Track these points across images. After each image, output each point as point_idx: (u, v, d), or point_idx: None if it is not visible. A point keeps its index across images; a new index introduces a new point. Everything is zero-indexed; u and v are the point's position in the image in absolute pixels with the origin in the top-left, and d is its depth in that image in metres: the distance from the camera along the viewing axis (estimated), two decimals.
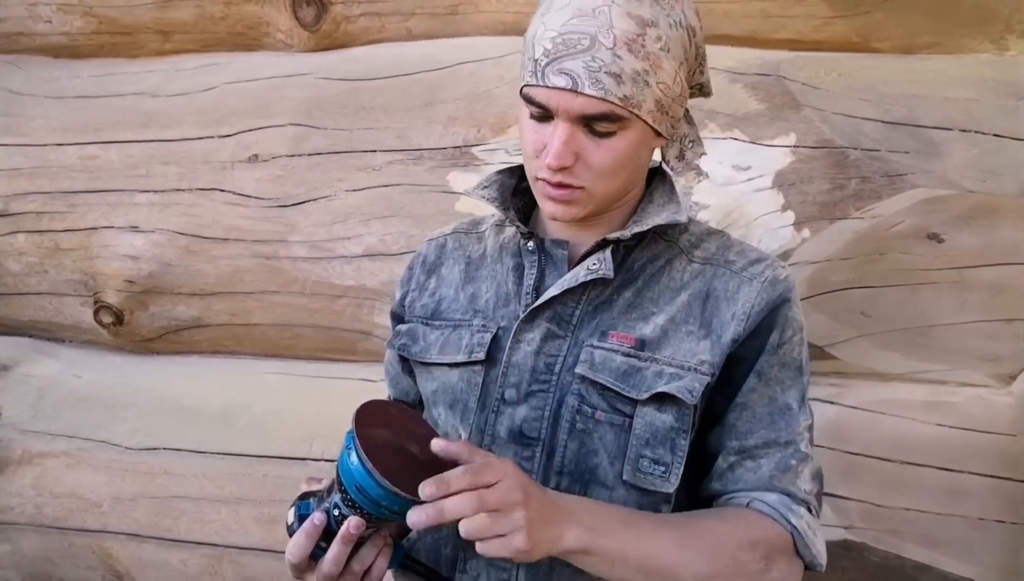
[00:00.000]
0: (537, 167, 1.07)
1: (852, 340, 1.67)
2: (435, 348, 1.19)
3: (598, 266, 1.09)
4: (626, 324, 1.10)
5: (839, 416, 1.67)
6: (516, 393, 1.10)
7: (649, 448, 1.07)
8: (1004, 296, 1.60)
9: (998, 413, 1.63)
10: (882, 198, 1.58)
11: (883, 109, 1.63)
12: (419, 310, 1.25)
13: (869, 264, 1.61)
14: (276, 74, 1.94)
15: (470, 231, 1.29)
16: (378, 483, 0.91)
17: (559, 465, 1.09)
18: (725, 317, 1.10)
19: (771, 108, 1.65)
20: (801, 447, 1.11)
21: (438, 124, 1.81)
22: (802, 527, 1.08)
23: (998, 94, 1.63)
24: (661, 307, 1.11)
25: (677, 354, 1.08)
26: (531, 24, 1.08)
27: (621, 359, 1.08)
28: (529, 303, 1.12)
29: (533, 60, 1.03)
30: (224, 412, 1.94)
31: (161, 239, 1.92)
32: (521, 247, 1.18)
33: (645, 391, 1.06)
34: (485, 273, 1.21)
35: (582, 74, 0.99)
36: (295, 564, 1.01)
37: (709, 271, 1.13)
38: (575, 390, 1.09)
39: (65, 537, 2.00)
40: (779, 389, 1.11)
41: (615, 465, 1.07)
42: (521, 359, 1.10)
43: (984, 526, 1.58)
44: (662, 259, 1.15)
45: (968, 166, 1.58)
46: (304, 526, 0.99)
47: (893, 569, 1.58)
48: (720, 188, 1.64)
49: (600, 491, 1.08)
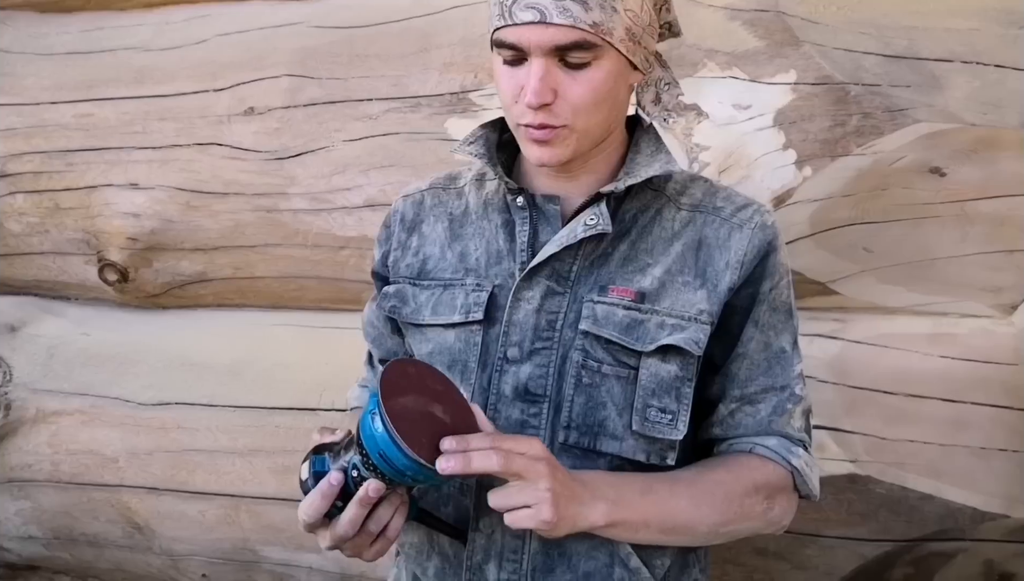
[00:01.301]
0: (518, 112, 1.06)
1: (855, 275, 1.68)
2: (427, 309, 1.18)
3: (596, 221, 1.09)
4: (624, 277, 1.11)
5: (843, 351, 1.69)
6: (519, 351, 1.11)
7: (656, 398, 1.09)
8: (1005, 227, 1.60)
9: (1000, 343, 1.65)
10: (884, 134, 1.58)
11: (883, 43, 1.61)
12: (404, 270, 1.23)
13: (871, 200, 1.61)
14: (268, 24, 1.91)
15: (448, 186, 1.27)
16: (404, 453, 0.91)
17: (567, 420, 1.10)
18: (719, 265, 1.12)
19: (770, 45, 1.63)
20: (796, 390, 1.16)
21: (434, 70, 1.79)
22: (800, 466, 1.13)
23: (999, 23, 1.61)
24: (656, 258, 1.12)
25: (676, 305, 1.10)
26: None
27: (623, 313, 1.09)
28: (524, 261, 1.12)
29: (499, 2, 1.02)
30: (233, 365, 1.96)
31: (162, 196, 1.92)
32: (509, 203, 1.17)
33: (649, 343, 1.08)
34: (471, 230, 1.20)
35: (548, 5, 0.99)
36: (309, 523, 1.00)
37: (699, 218, 1.14)
38: (579, 345, 1.10)
39: (84, 492, 2.04)
40: (773, 334, 1.15)
41: (623, 416, 1.09)
42: (523, 317, 1.11)
43: (986, 455, 1.60)
44: (652, 209, 1.15)
45: (969, 99, 1.57)
46: (320, 486, 0.97)
47: (898, 500, 1.62)
48: (720, 128, 1.64)
49: (610, 442, 1.09)
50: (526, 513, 0.95)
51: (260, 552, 1.96)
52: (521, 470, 0.94)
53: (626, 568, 1.11)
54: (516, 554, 1.11)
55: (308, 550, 1.93)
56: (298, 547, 1.93)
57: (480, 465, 0.93)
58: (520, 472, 0.94)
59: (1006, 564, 1.64)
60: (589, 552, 1.10)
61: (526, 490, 0.94)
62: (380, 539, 1.02)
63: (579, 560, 1.10)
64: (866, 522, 1.64)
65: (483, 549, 1.12)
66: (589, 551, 1.10)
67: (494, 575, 1.11)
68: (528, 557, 1.11)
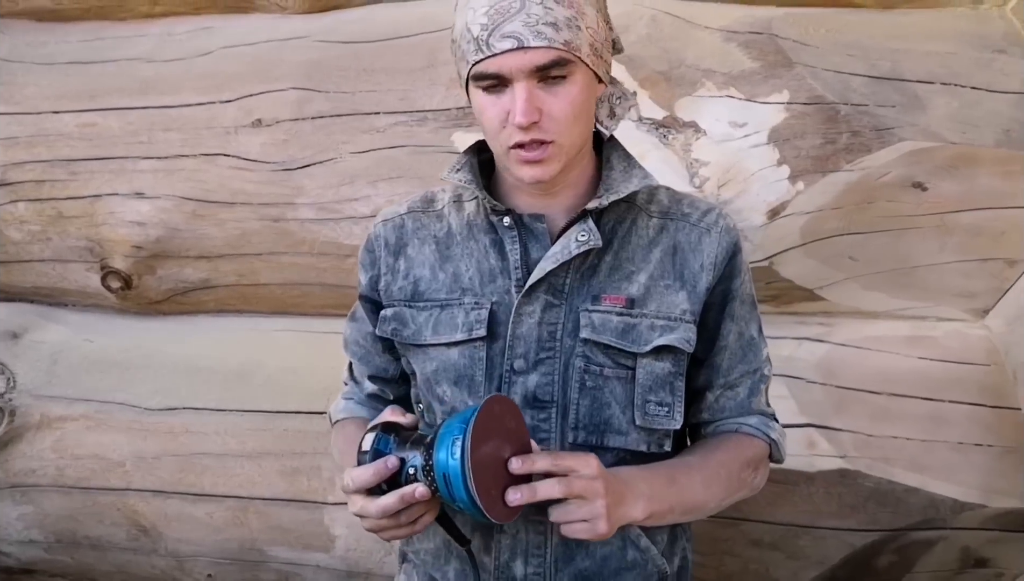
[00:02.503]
0: (507, 136, 1.13)
1: (840, 282, 1.79)
2: (428, 329, 1.24)
3: (587, 237, 1.17)
4: (613, 286, 1.20)
5: (829, 353, 1.80)
6: (525, 363, 1.19)
7: (653, 393, 1.20)
8: (981, 238, 1.72)
9: (974, 345, 1.78)
10: (871, 151, 1.68)
11: (869, 64, 1.72)
12: (397, 293, 1.28)
13: (858, 212, 1.72)
14: (273, 37, 1.96)
15: (426, 209, 1.32)
16: (469, 493, 0.97)
17: (574, 421, 1.19)
18: (695, 267, 1.22)
19: (764, 66, 1.73)
20: (764, 371, 1.31)
21: (440, 86, 1.85)
22: (776, 438, 1.29)
23: (974, 47, 1.73)
24: (638, 265, 1.22)
25: (662, 307, 1.20)
26: (456, 21, 1.14)
27: (617, 319, 1.19)
28: (519, 277, 1.20)
29: (474, 39, 1.09)
30: (240, 370, 2.01)
31: (167, 205, 1.96)
32: (495, 223, 1.23)
33: (644, 344, 1.18)
34: (459, 252, 1.26)
35: (524, 32, 1.07)
36: (352, 489, 1.06)
37: (671, 225, 1.24)
38: (579, 352, 1.18)
39: (89, 496, 2.06)
40: (744, 324, 1.28)
41: (626, 413, 1.19)
42: (526, 331, 1.19)
43: (964, 450, 1.73)
44: (627, 219, 1.24)
45: (950, 118, 1.68)
46: (376, 464, 1.04)
47: (885, 493, 1.73)
48: (718, 145, 1.73)
49: (616, 437, 1.20)
50: (583, 527, 1.04)
51: (267, 552, 2.01)
52: (581, 491, 1.03)
53: (637, 548, 1.23)
54: (540, 549, 1.20)
55: (315, 549, 1.98)
56: (306, 547, 1.98)
57: (545, 494, 1.02)
58: (580, 493, 1.03)
59: (981, 550, 1.77)
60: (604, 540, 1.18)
61: (584, 507, 1.03)
62: (405, 528, 1.09)
63: (596, 547, 1.21)
64: (855, 514, 1.75)
65: (509, 548, 1.20)
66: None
67: (521, 571, 1.20)
68: (551, 551, 1.20)
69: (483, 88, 1.12)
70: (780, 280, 1.78)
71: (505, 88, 1.10)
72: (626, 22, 1.77)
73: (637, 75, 1.76)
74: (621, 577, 1.22)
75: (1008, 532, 1.74)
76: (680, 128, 1.74)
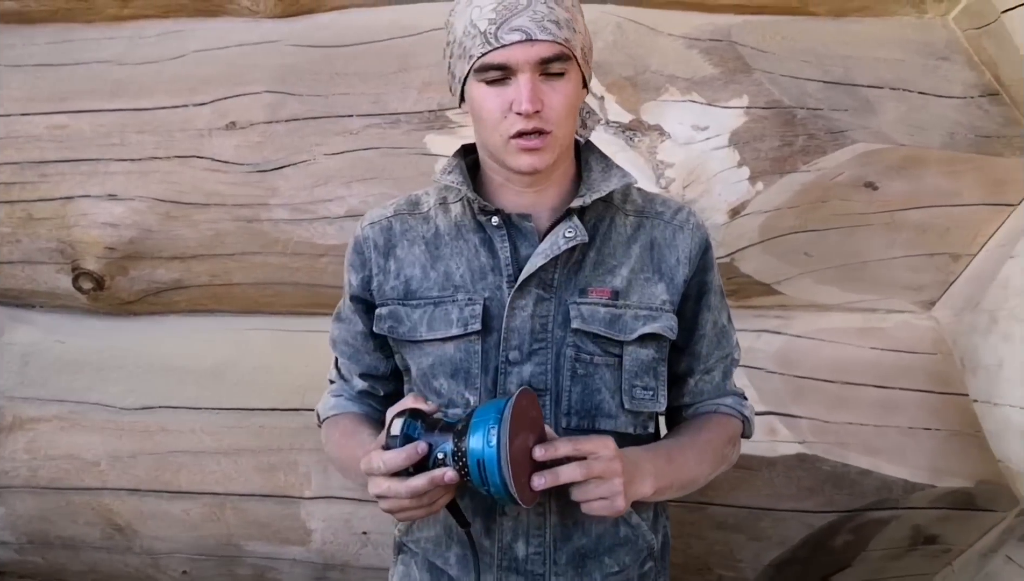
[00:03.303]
0: (508, 125, 1.19)
1: (797, 277, 1.89)
2: (423, 326, 1.29)
3: (574, 233, 1.24)
4: (598, 279, 1.28)
5: (786, 344, 1.90)
6: (519, 354, 1.26)
7: (638, 378, 1.28)
8: (927, 234, 1.83)
9: (922, 335, 1.89)
10: (826, 153, 1.78)
11: (823, 70, 1.82)
12: (390, 292, 1.33)
13: (813, 211, 1.82)
14: (245, 41, 1.99)
15: (413, 212, 1.36)
16: (503, 479, 1.04)
17: (567, 407, 1.26)
18: (671, 262, 1.32)
19: (725, 72, 1.82)
20: (735, 355, 1.42)
21: (413, 89, 1.90)
22: (748, 415, 1.41)
23: (920, 54, 1.84)
24: (620, 260, 1.30)
25: (644, 298, 1.29)
26: (454, 23, 1.21)
27: (604, 310, 1.27)
28: (511, 273, 1.26)
29: (481, 33, 1.16)
30: (215, 369, 2.04)
31: (141, 206, 1.97)
32: (483, 223, 1.30)
33: (631, 333, 1.27)
34: (448, 251, 1.31)
35: (531, 26, 1.15)
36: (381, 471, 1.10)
37: (647, 223, 1.34)
38: (570, 342, 1.26)
39: (62, 496, 2.08)
40: (718, 314, 1.38)
41: (615, 398, 1.28)
42: (519, 324, 1.25)
43: (914, 434, 1.84)
44: (607, 218, 1.32)
45: (899, 122, 1.78)
46: (408, 449, 1.08)
47: (841, 476, 1.83)
48: (682, 147, 1.81)
49: (606, 421, 1.27)
50: (603, 504, 1.11)
51: (244, 547, 2.05)
52: (600, 472, 1.10)
53: (628, 525, 1.32)
54: (540, 530, 1.27)
55: (292, 543, 2.02)
56: (282, 541, 2.02)
57: (567, 477, 1.09)
58: (600, 474, 1.10)
59: (931, 528, 1.88)
60: (599, 517, 1.27)
61: (603, 486, 1.11)
62: (424, 508, 1.13)
63: (591, 525, 1.29)
64: (813, 496, 1.85)
65: (511, 530, 1.27)
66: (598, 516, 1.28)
67: (523, 551, 1.27)
68: (549, 531, 1.27)
69: (486, 81, 1.18)
70: (740, 275, 1.87)
71: (508, 81, 1.18)
72: (593, 29, 1.82)
73: (604, 80, 1.83)
74: (615, 553, 1.31)
75: (955, 510, 1.86)
76: (646, 131, 1.82)
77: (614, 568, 1.31)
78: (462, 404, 1.26)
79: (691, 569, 1.67)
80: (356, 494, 1.94)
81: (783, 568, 1.91)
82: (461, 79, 1.22)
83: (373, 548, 2.00)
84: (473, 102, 1.22)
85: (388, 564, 1.99)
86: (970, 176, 1.79)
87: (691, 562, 1.91)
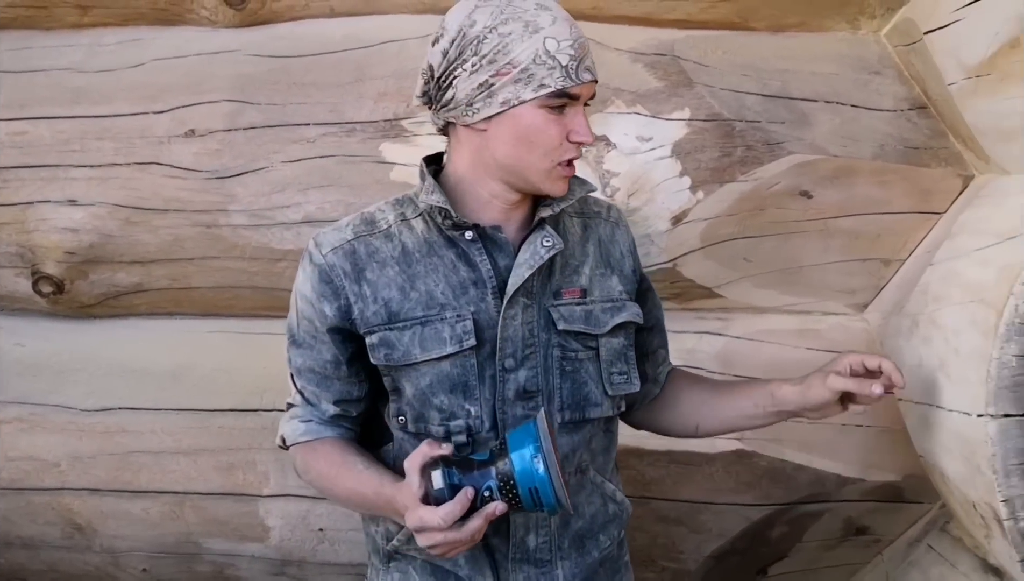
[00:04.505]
0: (562, 152, 1.28)
1: (736, 281, 1.97)
2: (416, 347, 1.32)
3: (552, 242, 1.32)
4: (568, 281, 1.38)
5: (726, 345, 1.99)
6: (514, 361, 1.33)
7: (614, 366, 1.40)
8: (859, 240, 1.93)
9: (855, 337, 1.99)
10: (763, 163, 1.86)
11: (761, 83, 1.90)
12: (373, 318, 1.33)
13: (751, 218, 1.90)
14: (203, 51, 2.03)
15: (373, 232, 1.36)
16: (558, 498, 1.13)
17: (559, 404, 1.36)
18: (617, 255, 1.46)
19: (668, 85, 1.89)
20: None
21: (368, 99, 1.96)
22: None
23: (854, 68, 1.93)
24: (580, 259, 1.41)
25: (604, 292, 1.41)
26: (516, 44, 1.23)
27: (578, 308, 1.37)
28: (495, 285, 1.32)
29: (563, 67, 1.23)
30: (174, 371, 2.08)
31: (101, 212, 2.01)
32: (456, 238, 1.34)
33: (604, 326, 1.38)
34: (422, 269, 1.34)
35: (593, 68, 1.28)
36: (445, 527, 1.14)
37: (591, 223, 1.46)
38: (555, 342, 1.35)
39: (22, 497, 2.11)
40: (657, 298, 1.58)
41: (599, 387, 1.39)
42: (512, 333, 1.32)
43: (846, 431, 1.93)
44: (560, 223, 1.40)
45: (832, 134, 1.87)
46: (459, 500, 1.13)
47: (777, 471, 1.93)
48: (627, 157, 1.88)
49: (594, 409, 1.38)
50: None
51: (203, 544, 2.10)
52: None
53: (615, 502, 1.47)
54: (546, 522, 1.38)
55: (250, 540, 2.08)
56: (241, 538, 2.08)
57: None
58: None
59: (862, 519, 1.99)
60: (588, 500, 1.42)
61: None
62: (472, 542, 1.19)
63: (584, 508, 1.42)
64: (751, 490, 1.95)
65: (523, 525, 1.36)
66: (588, 499, 1.42)
67: (533, 543, 1.37)
68: (553, 521, 1.38)
69: (550, 107, 1.25)
70: (683, 280, 1.95)
71: (563, 111, 1.26)
72: None
73: None
74: (607, 529, 1.45)
75: (884, 503, 1.96)
76: (593, 142, 1.89)
77: (606, 543, 1.46)
78: (463, 416, 1.31)
79: (636, 561, 1.73)
80: (313, 492, 1.99)
81: (723, 559, 2.00)
82: (510, 101, 1.25)
83: (329, 544, 2.06)
84: (526, 127, 1.26)
85: (344, 560, 2.07)
86: (899, 186, 1.88)
87: (636, 554, 1.98)
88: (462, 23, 1.26)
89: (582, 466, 1.41)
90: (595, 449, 1.43)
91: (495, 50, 1.24)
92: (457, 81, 1.27)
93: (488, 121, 1.28)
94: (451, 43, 1.27)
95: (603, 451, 1.46)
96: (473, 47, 1.25)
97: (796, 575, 2.09)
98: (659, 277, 1.86)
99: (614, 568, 1.50)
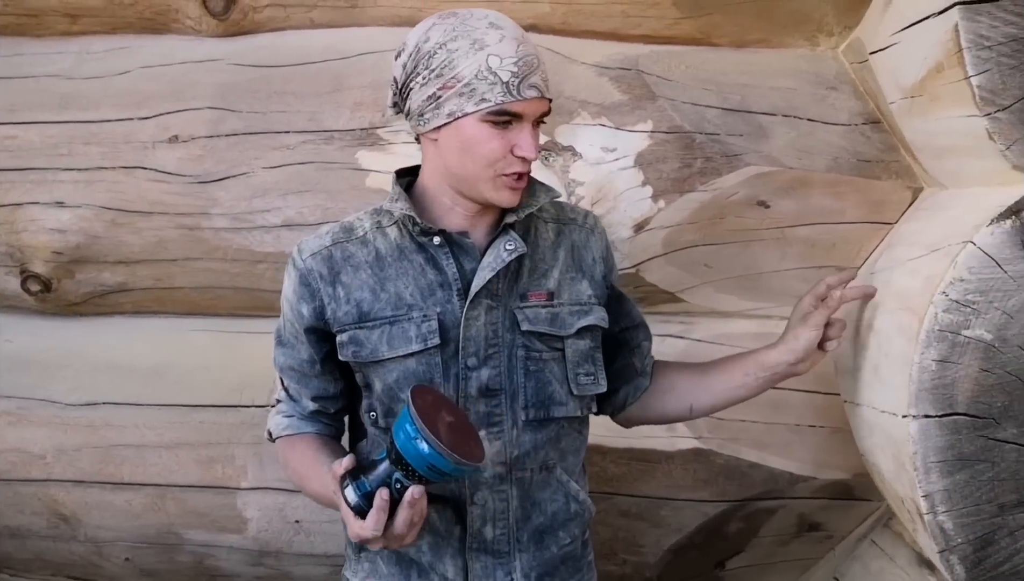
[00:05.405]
0: (506, 165, 1.35)
1: (697, 286, 2.05)
2: (383, 345, 1.41)
3: (514, 246, 1.41)
4: (535, 284, 1.46)
5: (688, 348, 2.07)
6: (477, 359, 1.41)
7: (580, 367, 1.48)
8: (815, 249, 2.01)
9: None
10: (722, 174, 1.94)
11: (722, 97, 1.98)
12: (344, 318, 1.43)
13: (711, 227, 1.98)
14: (188, 59, 2.11)
15: (350, 238, 1.47)
16: (455, 462, 1.18)
17: (524, 402, 1.44)
18: (588, 261, 1.54)
19: (632, 98, 1.97)
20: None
21: (346, 108, 2.04)
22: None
23: (811, 84, 2.01)
24: (550, 264, 1.49)
25: (573, 295, 1.49)
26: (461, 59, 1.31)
27: (545, 311, 1.45)
28: (460, 287, 1.41)
29: (503, 83, 1.30)
30: (157, 368, 2.15)
31: (88, 214, 2.08)
32: (425, 244, 1.43)
33: (570, 328, 1.46)
34: (393, 272, 1.44)
35: (541, 85, 1.35)
36: (374, 536, 1.22)
37: (565, 229, 1.54)
38: (519, 343, 1.43)
39: (9, 487, 2.18)
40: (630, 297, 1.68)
41: (564, 387, 1.47)
42: (475, 333, 1.41)
43: (800, 430, 2.02)
44: (531, 228, 1.49)
45: (788, 146, 1.95)
46: (377, 503, 1.20)
47: (733, 468, 2.02)
48: (592, 167, 1.96)
49: (559, 408, 1.46)
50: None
51: (183, 535, 2.17)
52: None
53: (576, 501, 1.52)
54: (504, 514, 1.45)
55: (229, 532, 2.15)
56: (220, 529, 2.15)
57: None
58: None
59: (814, 516, 2.08)
60: (552, 497, 1.49)
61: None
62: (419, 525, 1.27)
63: (547, 505, 1.48)
64: (708, 487, 2.03)
65: (480, 517, 1.44)
66: (552, 496, 1.49)
67: (491, 534, 1.44)
68: (511, 514, 1.45)
69: (493, 122, 1.32)
70: (646, 285, 2.03)
71: (509, 125, 1.33)
72: None
73: None
74: (567, 526, 1.51)
75: (835, 500, 2.05)
76: (559, 152, 1.97)
77: (566, 540, 1.52)
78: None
79: (599, 554, 1.81)
80: (289, 485, 2.07)
81: (681, 553, 2.08)
82: (455, 113, 1.33)
83: (305, 536, 2.14)
84: (468, 138, 1.34)
85: (319, 551, 2.15)
86: (853, 197, 1.96)
87: (598, 548, 2.05)
88: (419, 39, 1.36)
89: (548, 464, 1.48)
90: (565, 449, 1.50)
91: (442, 64, 1.32)
92: (412, 93, 1.36)
93: (438, 131, 1.37)
94: (409, 57, 1.36)
95: (573, 452, 1.53)
96: (425, 61, 1.33)
97: (753, 569, 2.17)
98: (623, 282, 1.93)
99: (576, 567, 1.56)
